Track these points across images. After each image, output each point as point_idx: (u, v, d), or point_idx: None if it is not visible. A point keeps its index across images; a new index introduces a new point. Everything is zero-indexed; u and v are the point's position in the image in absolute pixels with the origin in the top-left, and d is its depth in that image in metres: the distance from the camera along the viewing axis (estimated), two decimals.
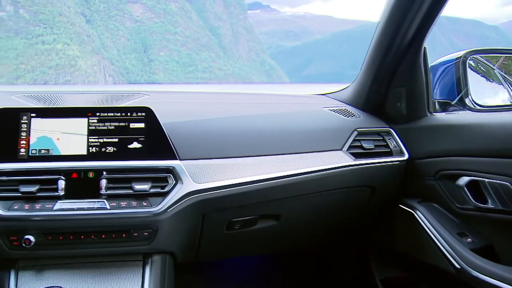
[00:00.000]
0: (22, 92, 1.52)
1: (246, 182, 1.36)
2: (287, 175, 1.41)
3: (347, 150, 1.50)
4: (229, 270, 2.15)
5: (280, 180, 1.40)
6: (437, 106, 1.58)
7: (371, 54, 1.55)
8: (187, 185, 1.30)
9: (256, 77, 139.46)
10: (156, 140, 1.34)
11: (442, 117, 1.52)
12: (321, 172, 1.44)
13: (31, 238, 1.21)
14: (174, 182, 1.30)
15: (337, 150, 1.49)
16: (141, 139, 1.34)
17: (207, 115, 1.51)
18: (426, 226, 1.49)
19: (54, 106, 1.45)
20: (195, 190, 1.31)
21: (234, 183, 1.35)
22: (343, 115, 1.60)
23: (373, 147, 1.52)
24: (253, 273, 2.19)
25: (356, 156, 1.49)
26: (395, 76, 1.53)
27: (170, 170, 1.31)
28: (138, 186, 1.27)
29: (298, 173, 1.42)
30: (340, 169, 1.46)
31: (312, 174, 1.43)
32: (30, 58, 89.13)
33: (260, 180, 1.38)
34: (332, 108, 1.63)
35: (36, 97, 1.49)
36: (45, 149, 1.31)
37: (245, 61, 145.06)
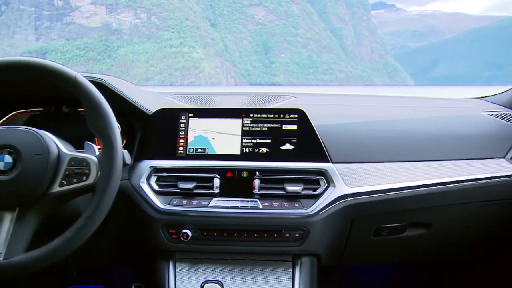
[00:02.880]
0: (175, 93, 1.58)
1: (399, 188, 1.34)
2: (443, 183, 1.36)
3: None
4: (368, 277, 2.12)
5: (435, 187, 1.36)
6: None
7: None
8: (339, 189, 1.31)
9: (378, 79, 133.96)
10: (308, 142, 1.35)
11: None
12: (481, 181, 1.38)
13: (189, 232, 1.29)
14: (326, 185, 1.31)
15: (499, 158, 1.43)
16: (294, 140, 1.36)
17: (358, 118, 1.50)
18: None
19: (210, 107, 1.49)
20: (347, 194, 1.31)
21: (386, 188, 1.33)
22: (505, 120, 1.51)
23: None
24: (394, 282, 2.14)
25: None
26: None
27: (322, 173, 1.33)
28: (290, 187, 1.30)
29: (454, 181, 1.36)
30: (504, 178, 1.38)
31: (471, 182, 1.37)
32: (159, 61, 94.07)
33: (414, 186, 1.35)
34: (492, 113, 1.54)
35: (189, 98, 1.55)
36: (201, 148, 1.37)
37: (367, 62, 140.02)
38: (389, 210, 1.37)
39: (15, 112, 1.52)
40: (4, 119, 1.51)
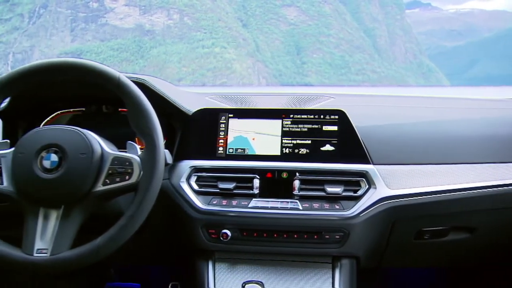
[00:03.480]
0: (213, 94, 1.58)
1: (442, 190, 1.31)
2: (489, 186, 1.33)
3: None
4: (408, 280, 2.09)
5: (480, 190, 1.32)
6: None
7: None
8: (381, 191, 1.30)
9: (412, 80, 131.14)
10: (349, 143, 1.34)
11: None
12: None
13: (228, 232, 1.29)
14: (367, 186, 1.30)
15: None
16: (334, 141, 1.35)
17: (399, 119, 1.48)
18: None
19: (250, 107, 1.49)
20: (389, 196, 1.29)
21: (429, 191, 1.31)
22: None
23: None
24: (434, 286, 2.11)
25: None
26: None
27: (363, 174, 1.31)
28: (331, 189, 1.29)
29: (501, 184, 1.33)
30: None
31: None
32: (191, 62, 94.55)
33: (458, 189, 1.32)
34: None
35: (227, 98, 1.55)
36: (241, 149, 1.38)
37: (401, 63, 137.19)
38: (431, 213, 1.35)
39: (58, 112, 1.56)
40: (48, 118, 1.55)
